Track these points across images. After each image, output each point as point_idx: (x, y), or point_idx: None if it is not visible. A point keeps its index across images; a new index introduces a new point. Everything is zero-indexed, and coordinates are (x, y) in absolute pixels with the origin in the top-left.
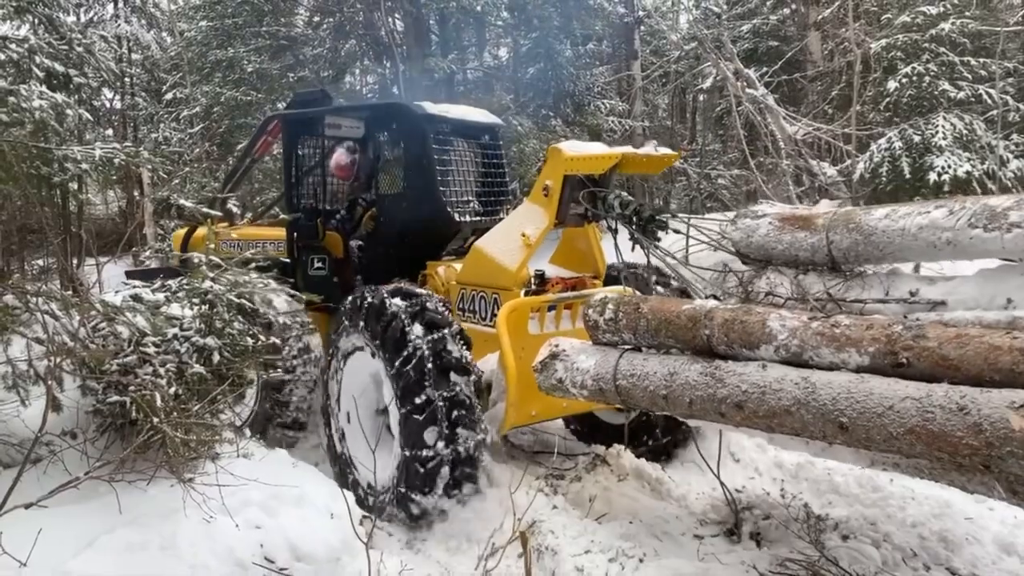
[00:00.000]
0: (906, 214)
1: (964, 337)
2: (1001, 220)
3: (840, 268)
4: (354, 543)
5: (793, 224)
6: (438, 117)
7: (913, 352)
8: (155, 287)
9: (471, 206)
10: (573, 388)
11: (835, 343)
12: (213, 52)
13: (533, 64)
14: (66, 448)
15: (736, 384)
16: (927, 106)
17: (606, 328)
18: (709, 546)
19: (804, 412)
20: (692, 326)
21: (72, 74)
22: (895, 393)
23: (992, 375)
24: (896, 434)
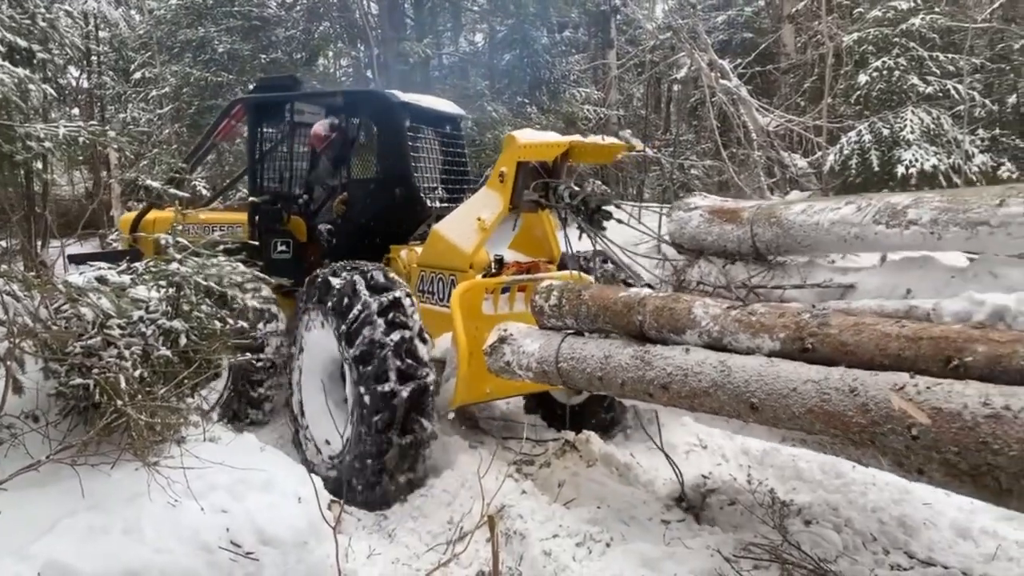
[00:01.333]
0: (820, 210)
1: (861, 325)
2: (901, 217)
3: (764, 258)
4: (322, 527)
5: (721, 217)
6: (411, 105)
7: (817, 338)
8: (120, 268)
9: (438, 192)
10: (519, 370)
11: (751, 329)
12: (183, 31)
13: (509, 50)
14: (28, 431)
15: (662, 367)
16: (896, 100)
17: (551, 313)
18: (675, 531)
19: (720, 393)
20: (627, 312)
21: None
22: (799, 376)
23: (882, 360)
24: (799, 413)
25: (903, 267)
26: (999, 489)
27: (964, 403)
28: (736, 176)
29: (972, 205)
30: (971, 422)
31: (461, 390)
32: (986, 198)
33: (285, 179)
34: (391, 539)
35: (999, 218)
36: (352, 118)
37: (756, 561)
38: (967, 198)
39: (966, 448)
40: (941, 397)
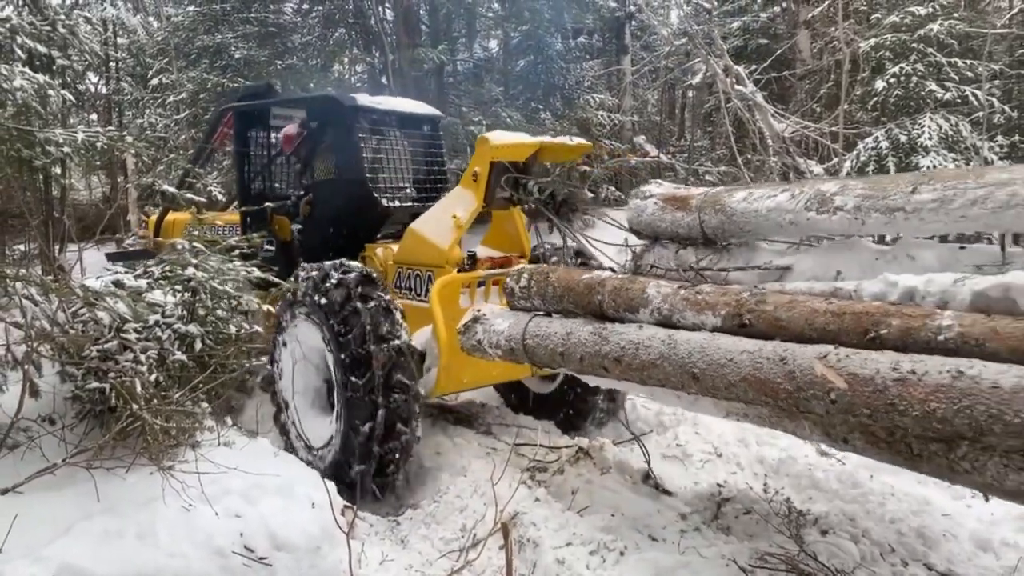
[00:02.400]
0: (759, 197)
1: (793, 302)
2: (829, 204)
3: (712, 243)
4: (335, 533)
5: (673, 205)
6: (367, 108)
7: (755, 314)
8: (137, 273)
9: (404, 192)
10: (489, 348)
11: (697, 307)
12: (200, 38)
13: (523, 57)
14: (44, 434)
15: (617, 342)
16: (914, 106)
17: (521, 295)
18: (690, 539)
19: (667, 364)
20: (588, 292)
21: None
22: (735, 347)
23: (811, 333)
24: (734, 382)
25: (833, 250)
26: (911, 454)
27: (877, 368)
28: (752, 182)
29: (889, 192)
30: (881, 385)
31: (442, 379)
32: (901, 185)
33: (267, 180)
34: (404, 545)
35: (912, 204)
36: (313, 122)
37: (772, 571)
38: (885, 185)
39: (877, 410)
40: (857, 364)
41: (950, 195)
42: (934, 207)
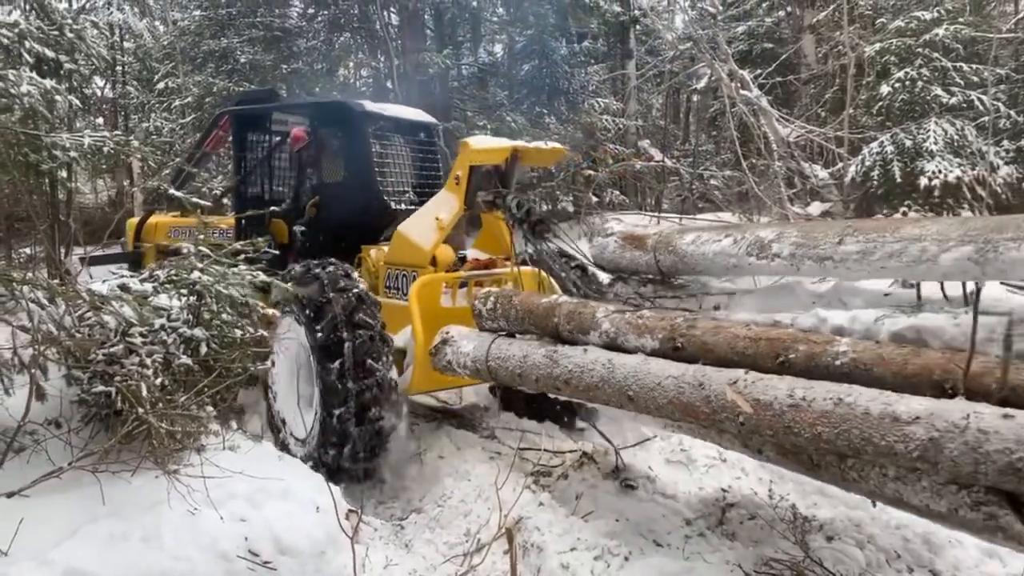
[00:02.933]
0: (706, 241)
1: (718, 328)
2: (767, 250)
3: (667, 280)
4: (339, 537)
5: (631, 243)
6: (375, 114)
7: (686, 338)
8: (143, 277)
9: (407, 195)
10: (458, 368)
11: (638, 330)
12: (206, 42)
13: (528, 61)
14: (50, 438)
15: (566, 365)
16: (919, 111)
17: (488, 316)
18: (695, 545)
19: (607, 387)
20: (547, 315)
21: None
22: (663, 372)
23: (733, 356)
24: (663, 404)
25: (776, 291)
26: (812, 465)
27: (775, 395)
28: (756, 187)
29: (819, 242)
30: (779, 411)
31: (418, 377)
32: (830, 236)
33: (266, 184)
34: (408, 549)
35: (839, 254)
36: (322, 127)
37: None
38: (816, 235)
39: (777, 431)
40: (760, 390)
41: (871, 247)
42: (858, 258)
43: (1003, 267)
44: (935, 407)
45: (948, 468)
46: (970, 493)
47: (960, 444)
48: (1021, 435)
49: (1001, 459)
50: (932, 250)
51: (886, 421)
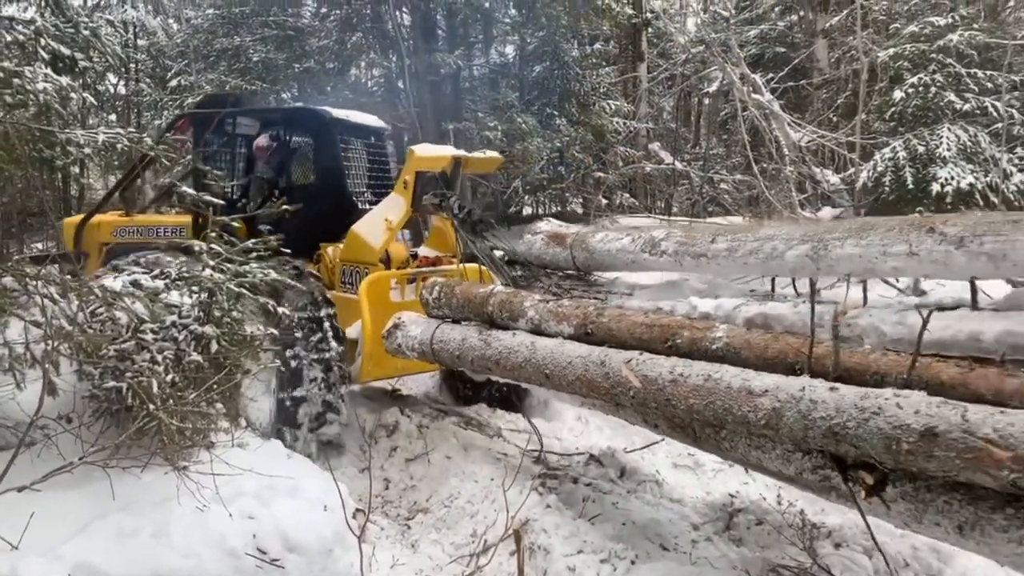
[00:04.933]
0: (610, 239)
1: (621, 316)
2: (657, 248)
3: (584, 275)
4: (346, 536)
5: (554, 242)
6: (340, 120)
7: (596, 325)
8: (155, 273)
9: (365, 196)
10: (408, 351)
11: (557, 318)
12: (219, 40)
13: (539, 62)
14: (61, 432)
15: (497, 347)
16: (932, 117)
17: (433, 304)
18: (702, 549)
19: (528, 366)
20: (483, 304)
21: (78, 57)
22: (573, 353)
23: (631, 341)
24: (572, 380)
25: (668, 286)
26: (695, 436)
27: (660, 372)
28: (767, 191)
29: (697, 241)
30: (662, 385)
31: (367, 367)
32: (705, 236)
33: (227, 184)
34: (414, 549)
35: (712, 252)
36: (291, 131)
37: None
38: (695, 235)
39: (660, 403)
40: (648, 368)
41: (736, 246)
42: (726, 255)
43: (831, 263)
44: (781, 382)
45: (786, 433)
46: (811, 459)
47: (795, 412)
48: (840, 404)
49: (824, 424)
50: (780, 248)
51: (743, 394)
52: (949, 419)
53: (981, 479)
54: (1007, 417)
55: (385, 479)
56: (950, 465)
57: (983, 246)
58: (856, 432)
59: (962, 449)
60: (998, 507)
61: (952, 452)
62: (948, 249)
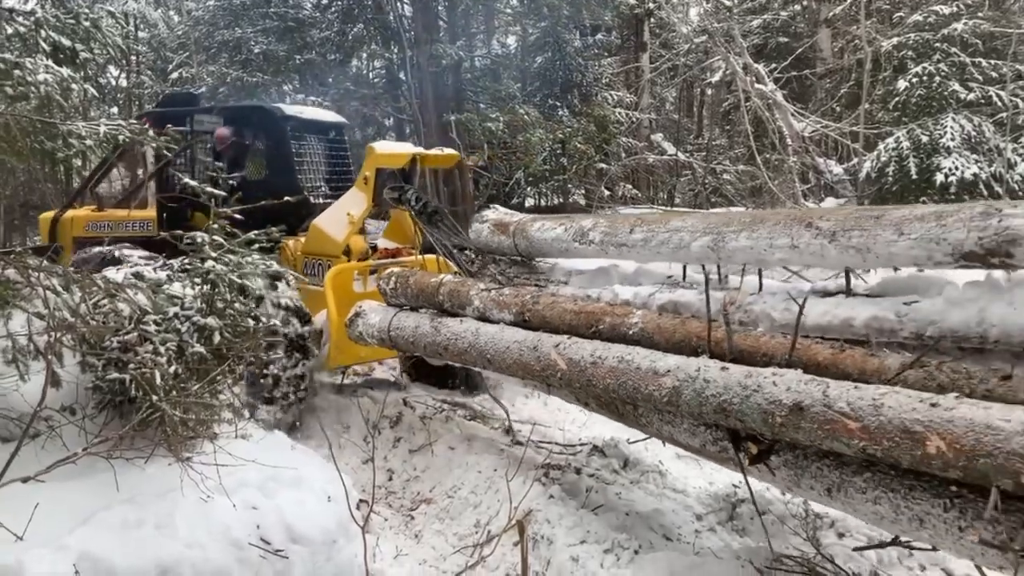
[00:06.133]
0: (547, 228)
1: (554, 303)
2: (586, 237)
3: (527, 261)
4: (350, 526)
5: (499, 230)
6: (293, 117)
7: (532, 312)
8: (157, 265)
9: (321, 190)
10: (368, 338)
11: (499, 306)
12: (220, 32)
13: (541, 53)
14: (65, 424)
15: (446, 333)
16: (936, 106)
17: (391, 294)
18: (705, 540)
19: (473, 351)
20: (434, 292)
21: (79, 49)
22: (512, 338)
23: (563, 326)
24: (510, 364)
25: (599, 272)
26: (618, 413)
27: (582, 355)
28: (770, 181)
29: (619, 231)
30: (583, 366)
31: (333, 354)
32: (625, 226)
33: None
34: (418, 540)
35: (631, 241)
36: (245, 128)
37: (788, 573)
38: (617, 226)
39: (583, 383)
40: (573, 351)
41: (650, 236)
42: (642, 244)
43: (729, 253)
44: (681, 363)
45: (685, 409)
46: (711, 432)
47: (691, 391)
48: (728, 383)
49: (715, 401)
50: (686, 239)
51: (649, 374)
52: (813, 394)
53: (840, 447)
54: (859, 392)
55: (388, 470)
56: (814, 435)
57: (851, 240)
58: (740, 407)
59: (823, 421)
60: (858, 472)
61: (815, 424)
62: (823, 243)
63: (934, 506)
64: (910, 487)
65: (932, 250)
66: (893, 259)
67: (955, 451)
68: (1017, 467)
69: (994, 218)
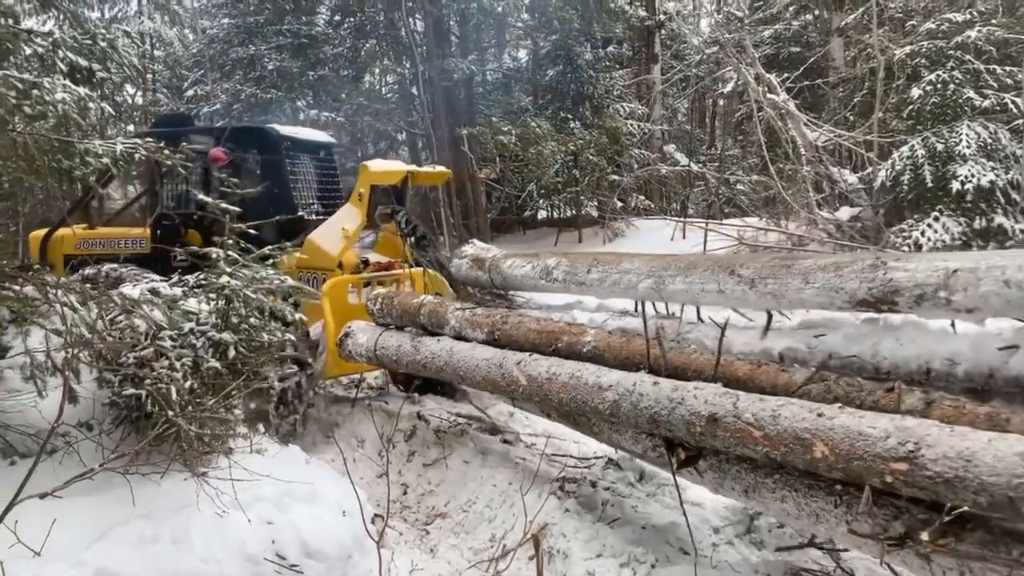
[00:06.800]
0: (517, 265)
1: (520, 323)
2: (551, 274)
3: (503, 294)
4: (365, 541)
5: (476, 265)
6: (288, 137)
7: (501, 331)
8: (173, 281)
9: (313, 206)
10: (357, 356)
11: (472, 325)
12: (235, 50)
13: (552, 66)
14: (82, 439)
15: (424, 351)
16: (951, 114)
17: (378, 314)
18: (723, 553)
19: (448, 368)
20: (416, 312)
21: (95, 68)
22: (480, 356)
23: (527, 345)
24: (480, 380)
25: (566, 307)
26: (576, 422)
27: (540, 371)
28: (784, 191)
29: (578, 270)
30: (540, 382)
31: (331, 363)
32: (584, 266)
33: (182, 199)
34: (433, 554)
35: (589, 280)
36: (241, 148)
37: None
38: (577, 265)
39: (541, 397)
40: (532, 368)
41: (604, 276)
42: (598, 283)
43: (669, 294)
44: (622, 378)
45: (623, 420)
46: (651, 440)
47: (628, 403)
48: (658, 396)
49: (647, 412)
50: (634, 280)
51: (595, 389)
52: (725, 406)
53: (749, 453)
54: (763, 403)
55: (403, 484)
56: (727, 442)
57: (767, 287)
58: (668, 418)
59: (734, 430)
60: (769, 474)
61: (727, 432)
62: (744, 288)
63: (827, 503)
64: (809, 487)
65: (833, 297)
66: (803, 303)
67: (836, 455)
68: (881, 468)
69: (880, 271)
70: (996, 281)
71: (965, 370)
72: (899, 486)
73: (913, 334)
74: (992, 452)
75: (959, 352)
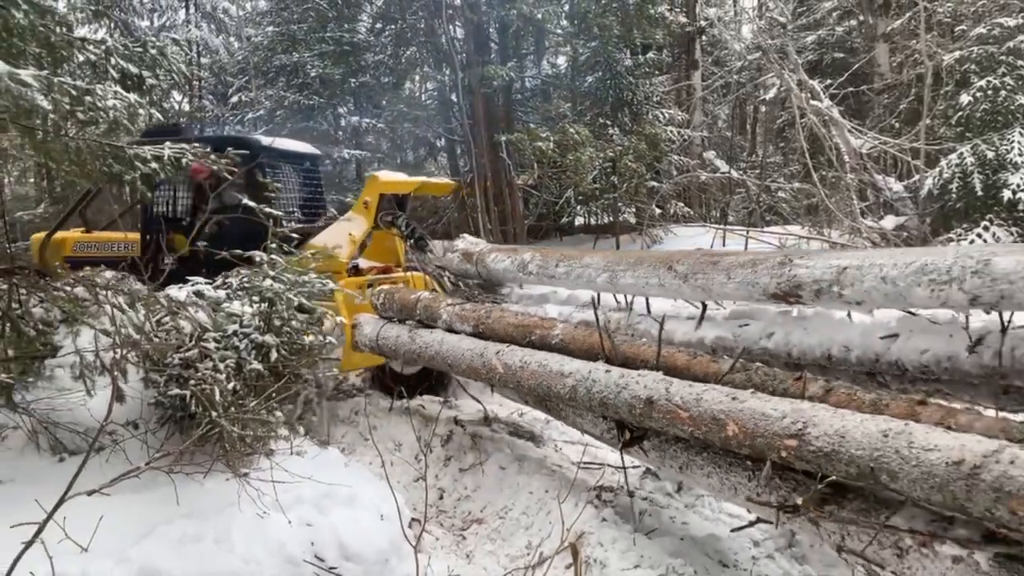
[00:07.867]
0: (500, 260)
1: (500, 317)
2: (527, 268)
3: (490, 286)
4: (403, 545)
5: (466, 259)
6: (270, 147)
7: (485, 324)
8: (217, 284)
9: (295, 215)
10: (363, 346)
11: (461, 319)
12: (278, 57)
13: (591, 73)
14: (128, 438)
15: (420, 342)
16: (1002, 121)
17: (381, 309)
18: (763, 567)
19: (439, 358)
20: (413, 307)
21: (146, 75)
22: (465, 347)
23: (506, 336)
24: (466, 368)
25: (541, 297)
26: (548, 408)
27: (514, 360)
28: (827, 199)
29: (548, 264)
30: (514, 369)
31: (347, 357)
32: (552, 260)
33: (170, 206)
34: (469, 560)
35: (557, 273)
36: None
37: None
38: (547, 260)
39: (514, 384)
40: (508, 357)
41: (571, 270)
42: (565, 276)
43: (622, 287)
44: (580, 366)
45: (580, 403)
46: (606, 422)
47: (584, 388)
48: (608, 382)
49: (599, 397)
50: (593, 274)
51: (559, 375)
52: (660, 391)
53: (679, 432)
54: (690, 389)
55: (439, 489)
56: (661, 424)
57: (698, 281)
58: (614, 402)
59: (666, 412)
60: (699, 452)
61: (661, 414)
62: (679, 282)
63: (742, 477)
64: (729, 463)
65: (750, 291)
66: (728, 296)
67: (743, 433)
68: (778, 444)
69: (787, 267)
70: (876, 277)
71: (857, 356)
72: (791, 460)
73: (818, 324)
74: (861, 430)
75: (852, 340)
